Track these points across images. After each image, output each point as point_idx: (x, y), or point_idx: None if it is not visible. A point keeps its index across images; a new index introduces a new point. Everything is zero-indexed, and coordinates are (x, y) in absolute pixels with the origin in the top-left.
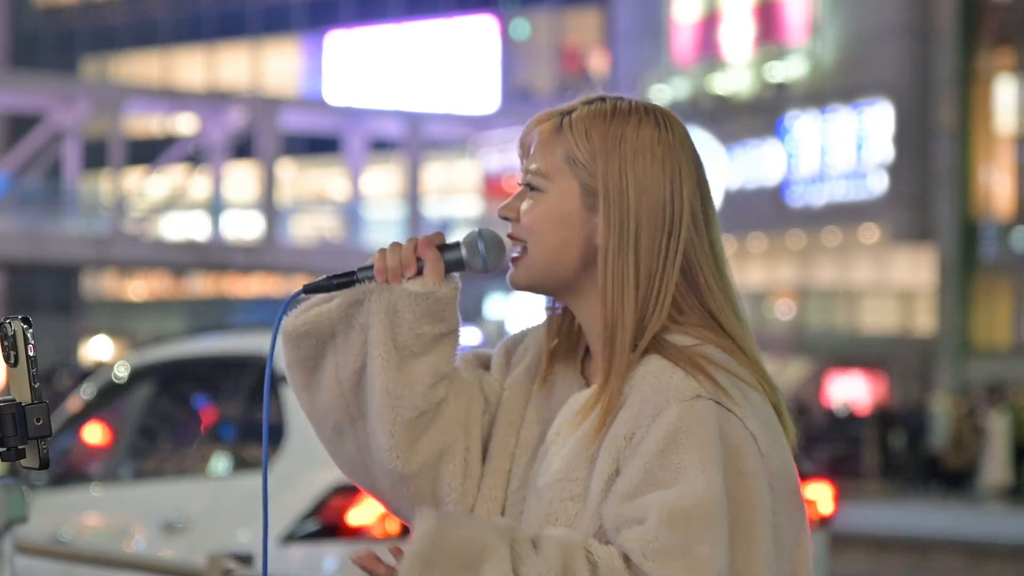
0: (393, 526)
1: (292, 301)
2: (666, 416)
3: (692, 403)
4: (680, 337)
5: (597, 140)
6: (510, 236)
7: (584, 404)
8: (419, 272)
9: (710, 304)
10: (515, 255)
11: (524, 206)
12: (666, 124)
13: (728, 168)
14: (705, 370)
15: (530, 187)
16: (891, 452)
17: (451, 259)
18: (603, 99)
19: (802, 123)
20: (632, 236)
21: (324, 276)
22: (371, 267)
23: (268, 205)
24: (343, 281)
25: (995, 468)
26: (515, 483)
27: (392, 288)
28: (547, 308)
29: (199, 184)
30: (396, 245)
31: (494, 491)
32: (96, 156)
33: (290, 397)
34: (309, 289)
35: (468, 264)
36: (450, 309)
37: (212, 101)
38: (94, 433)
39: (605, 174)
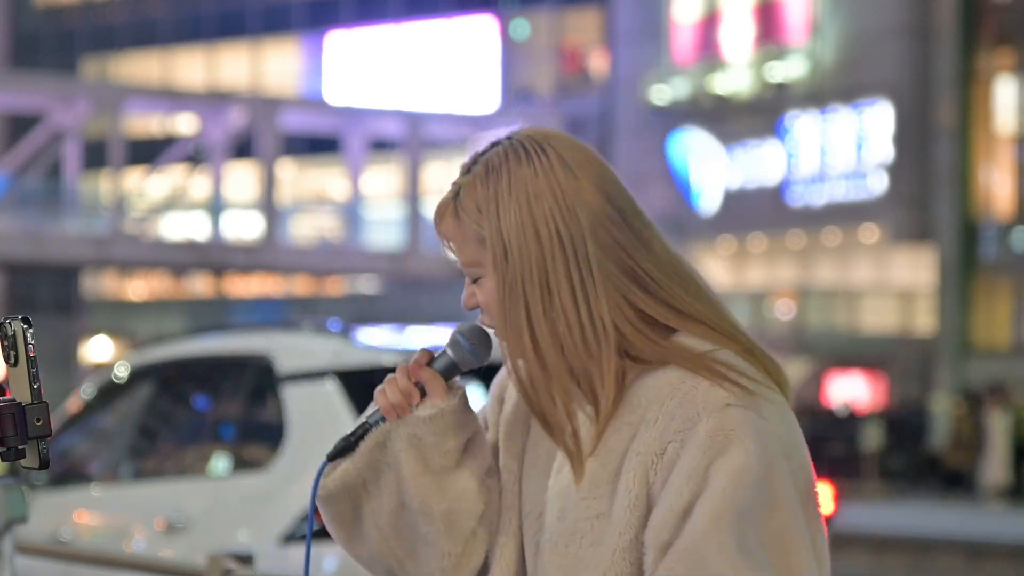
0: None
1: (321, 473)
2: (700, 430)
3: (723, 412)
4: (694, 341)
5: (484, 207)
6: (484, 323)
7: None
8: (423, 395)
9: (684, 308)
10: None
11: (477, 293)
12: (539, 151)
13: (728, 168)
14: (728, 377)
15: (473, 278)
16: (886, 452)
17: (444, 367)
18: (476, 161)
19: (802, 123)
20: (527, 282)
21: (339, 440)
22: (378, 411)
23: (268, 205)
24: (360, 434)
25: (995, 468)
26: (527, 505)
27: (406, 421)
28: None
29: (199, 184)
30: (391, 380)
31: (509, 517)
32: (96, 156)
33: (291, 397)
34: (333, 456)
35: (462, 365)
36: (466, 415)
37: (212, 101)
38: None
39: (491, 238)
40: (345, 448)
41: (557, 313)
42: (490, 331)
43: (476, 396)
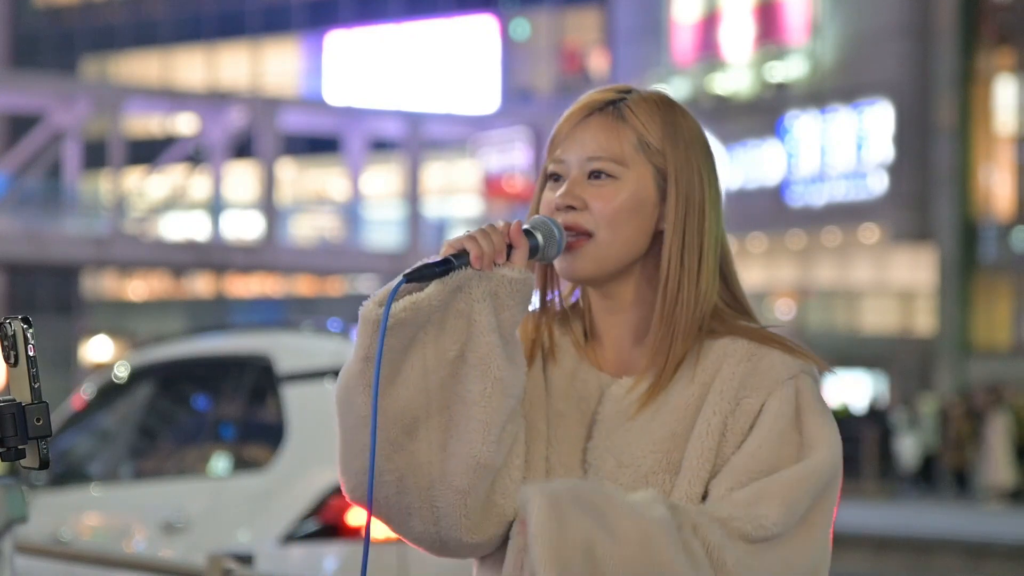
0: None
1: (397, 289)
2: (781, 392)
3: (799, 378)
4: (744, 320)
5: (662, 125)
6: (571, 227)
7: (647, 382)
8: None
9: (736, 287)
10: (574, 243)
11: (592, 194)
12: (693, 116)
13: (728, 168)
14: (798, 348)
15: (597, 175)
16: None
17: (530, 246)
18: (635, 90)
19: (802, 123)
20: (696, 218)
21: (420, 263)
22: (462, 254)
23: (268, 205)
24: (442, 269)
25: (996, 469)
26: (560, 469)
27: (491, 275)
28: (547, 300)
29: (199, 184)
30: (484, 232)
31: (535, 477)
32: (96, 156)
33: (291, 397)
34: (412, 277)
35: (542, 253)
36: (532, 295)
37: (212, 101)
38: None
39: (675, 157)
40: (426, 274)
41: (709, 251)
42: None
43: None
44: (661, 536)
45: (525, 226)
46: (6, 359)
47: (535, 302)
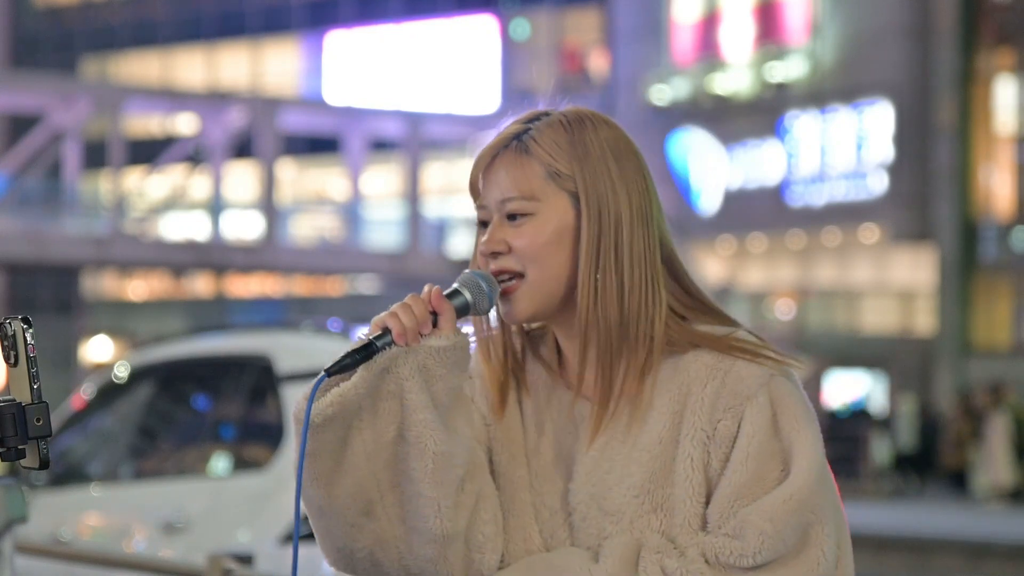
0: None
1: (318, 387)
2: (755, 404)
3: (769, 384)
4: (708, 327)
5: (567, 148)
6: (502, 271)
7: (610, 414)
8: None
9: (691, 288)
10: (509, 287)
11: (512, 235)
12: (612, 124)
13: (728, 168)
14: (760, 352)
15: (511, 217)
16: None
17: (458, 305)
18: (546, 113)
19: (802, 123)
20: (612, 232)
21: (342, 355)
22: (384, 334)
23: (268, 205)
24: (364, 355)
25: (996, 469)
26: (545, 513)
27: (417, 349)
28: (479, 336)
29: (199, 184)
30: (405, 306)
31: (524, 525)
32: (96, 156)
33: (291, 397)
34: (332, 372)
35: (474, 308)
36: (468, 359)
37: (212, 101)
38: None
39: (583, 177)
40: (348, 365)
41: (628, 269)
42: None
43: None
44: None
45: (453, 287)
46: (6, 359)
47: (492, 348)
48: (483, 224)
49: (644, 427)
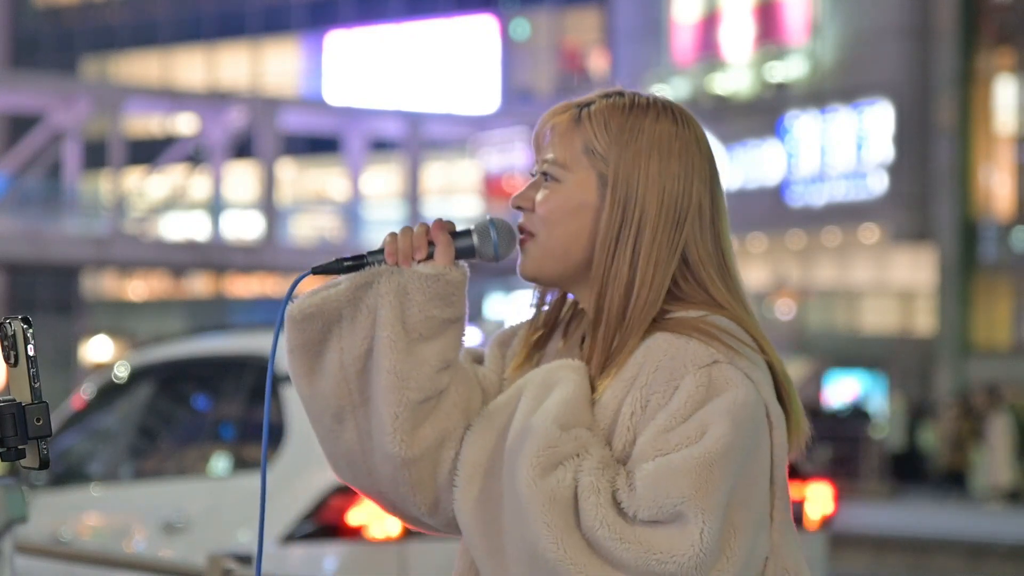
0: (394, 527)
1: (298, 282)
2: (687, 383)
3: (710, 368)
4: (684, 312)
5: (615, 131)
6: (521, 227)
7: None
8: (429, 256)
9: (715, 295)
10: (522, 241)
11: (539, 196)
12: (683, 120)
13: (728, 168)
14: (719, 337)
15: (546, 177)
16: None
17: (462, 245)
18: (621, 93)
19: (802, 123)
20: (634, 225)
21: (334, 259)
22: (381, 250)
23: (268, 205)
24: (353, 263)
25: (996, 469)
26: None
27: (403, 270)
28: (532, 304)
29: (199, 184)
30: (408, 228)
31: None
32: (96, 156)
33: (290, 397)
34: (318, 271)
35: (479, 252)
36: (459, 294)
37: (212, 101)
38: None
39: (618, 163)
40: (333, 268)
41: (642, 264)
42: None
43: (470, 333)
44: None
45: (466, 227)
46: (6, 359)
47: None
48: (532, 175)
49: (603, 396)
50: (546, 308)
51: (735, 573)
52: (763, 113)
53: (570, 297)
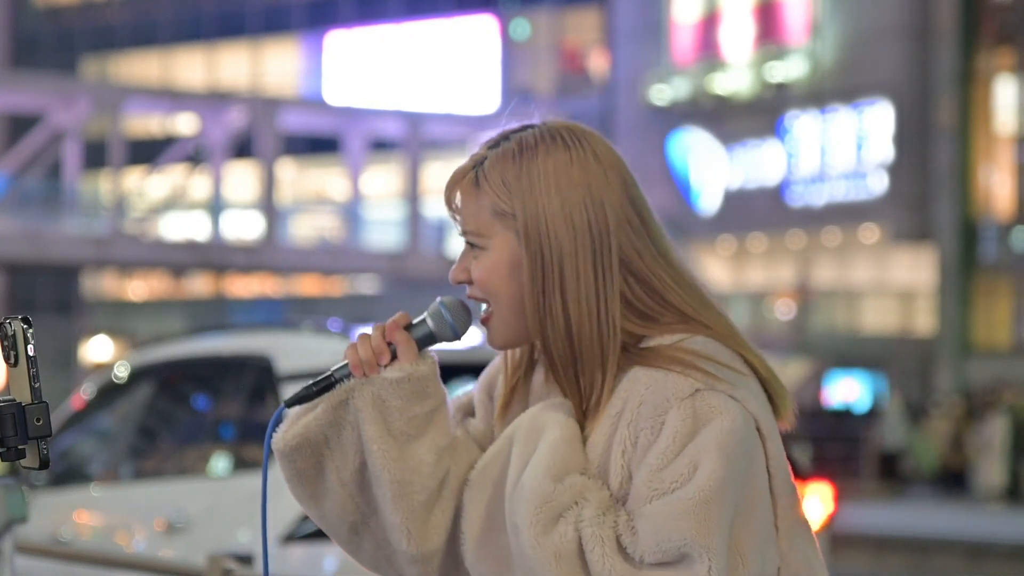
0: None
1: (277, 418)
2: (671, 417)
3: (693, 399)
4: (660, 338)
5: (512, 183)
6: (471, 298)
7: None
8: (394, 357)
9: (675, 302)
10: (484, 316)
11: (472, 267)
12: (575, 142)
13: (728, 168)
14: (694, 364)
15: (472, 246)
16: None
17: (421, 336)
18: (507, 137)
19: (802, 123)
20: (555, 268)
21: (302, 388)
22: (346, 365)
23: (268, 205)
24: (322, 386)
25: (993, 470)
26: None
27: (372, 379)
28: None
29: (199, 184)
30: (364, 337)
31: None
32: (96, 156)
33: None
34: (291, 403)
35: (438, 336)
36: (433, 385)
37: (212, 101)
38: None
39: (524, 215)
40: (305, 397)
41: (574, 303)
42: (471, 306)
43: (469, 335)
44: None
45: (420, 317)
46: (6, 359)
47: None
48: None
49: (589, 439)
50: (514, 350)
51: None
52: (763, 113)
53: None
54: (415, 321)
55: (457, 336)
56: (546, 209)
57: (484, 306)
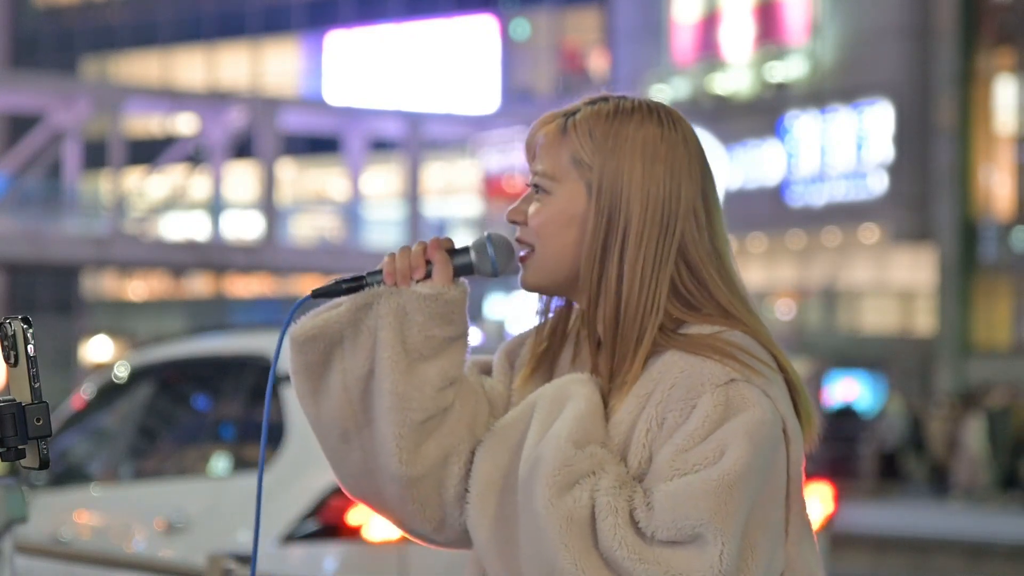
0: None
1: (300, 306)
2: (704, 402)
3: (728, 387)
4: (699, 327)
5: (599, 139)
6: (518, 240)
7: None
8: (428, 275)
9: (719, 298)
10: (523, 257)
11: (532, 209)
12: (670, 122)
13: (728, 168)
14: (734, 355)
15: (537, 189)
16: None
17: (460, 263)
18: (606, 99)
19: (802, 123)
20: (619, 233)
21: (333, 280)
22: (380, 271)
23: (268, 205)
24: (352, 285)
25: (967, 470)
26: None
27: (401, 291)
28: (538, 312)
29: (199, 184)
30: (405, 248)
31: None
32: (96, 156)
33: (291, 397)
34: (318, 294)
35: (477, 268)
36: (459, 312)
37: (212, 101)
38: None
39: (602, 172)
40: (332, 291)
41: (630, 268)
42: (516, 246)
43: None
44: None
45: (464, 245)
46: (6, 359)
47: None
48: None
49: (616, 413)
50: (551, 316)
51: None
52: (763, 113)
53: (576, 306)
54: (457, 248)
55: (495, 273)
56: (627, 172)
57: (524, 251)
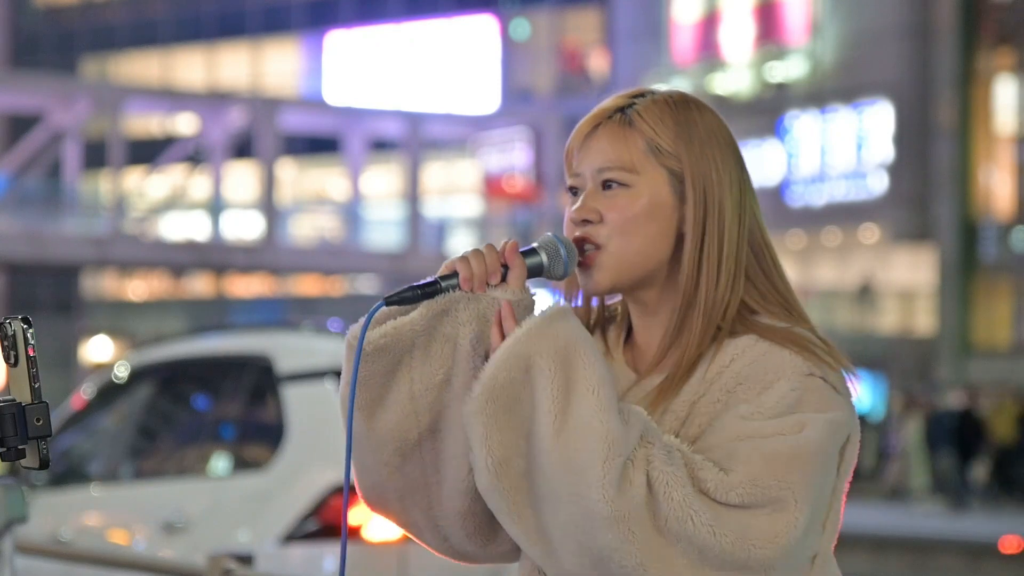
0: (394, 528)
1: (374, 313)
2: (781, 384)
3: (807, 379)
4: (769, 320)
5: (674, 127)
6: (585, 239)
7: (666, 384)
8: (501, 280)
9: (779, 286)
10: (588, 257)
11: (605, 205)
12: (714, 111)
13: None
14: (813, 351)
15: (607, 185)
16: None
17: (532, 265)
18: (651, 91)
19: (802, 123)
20: (716, 218)
21: (405, 287)
22: (453, 275)
23: (268, 205)
24: (427, 291)
25: (900, 469)
26: None
27: (480, 297)
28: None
29: (199, 184)
30: (478, 252)
31: None
32: (96, 156)
33: (291, 397)
34: (391, 301)
35: (548, 271)
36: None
37: (212, 101)
38: None
39: (688, 158)
40: (408, 298)
41: (728, 253)
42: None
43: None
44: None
45: (531, 246)
46: (6, 359)
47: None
48: (572, 191)
49: (681, 392)
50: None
51: (781, 553)
52: (763, 113)
53: (609, 300)
54: (523, 249)
55: (566, 274)
56: (709, 159)
57: (589, 251)
